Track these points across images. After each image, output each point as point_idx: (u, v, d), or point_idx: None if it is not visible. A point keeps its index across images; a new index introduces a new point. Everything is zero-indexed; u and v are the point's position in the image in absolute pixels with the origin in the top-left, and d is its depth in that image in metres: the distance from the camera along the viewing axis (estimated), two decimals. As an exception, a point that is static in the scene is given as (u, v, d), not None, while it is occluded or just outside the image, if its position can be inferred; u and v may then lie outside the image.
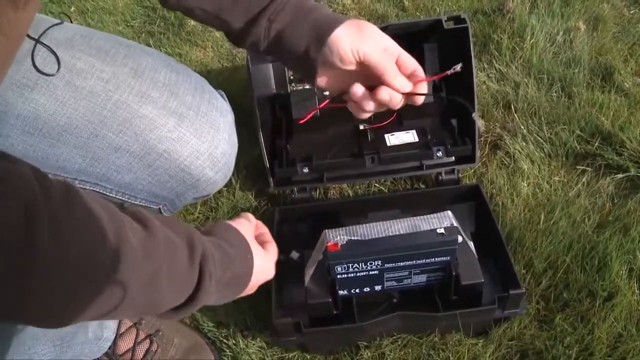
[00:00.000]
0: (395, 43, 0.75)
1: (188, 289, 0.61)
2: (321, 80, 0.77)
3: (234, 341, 1.03)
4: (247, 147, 1.28)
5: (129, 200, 0.90)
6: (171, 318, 0.64)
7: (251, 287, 0.76)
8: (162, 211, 0.96)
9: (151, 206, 0.93)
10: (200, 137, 0.86)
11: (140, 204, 0.91)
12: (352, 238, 0.89)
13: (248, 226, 0.80)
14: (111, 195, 0.89)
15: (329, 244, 0.89)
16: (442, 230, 0.88)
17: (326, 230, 0.92)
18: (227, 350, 1.03)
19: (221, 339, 1.05)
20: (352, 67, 0.73)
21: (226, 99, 0.97)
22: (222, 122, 0.90)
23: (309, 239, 1.01)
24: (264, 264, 0.78)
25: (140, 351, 1.02)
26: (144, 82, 0.84)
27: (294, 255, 1.08)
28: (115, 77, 0.82)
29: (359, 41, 0.71)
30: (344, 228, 0.92)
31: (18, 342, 0.73)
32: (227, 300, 0.72)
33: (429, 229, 0.89)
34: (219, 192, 1.22)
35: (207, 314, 1.08)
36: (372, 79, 0.74)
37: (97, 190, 0.87)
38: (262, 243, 0.82)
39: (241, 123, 1.33)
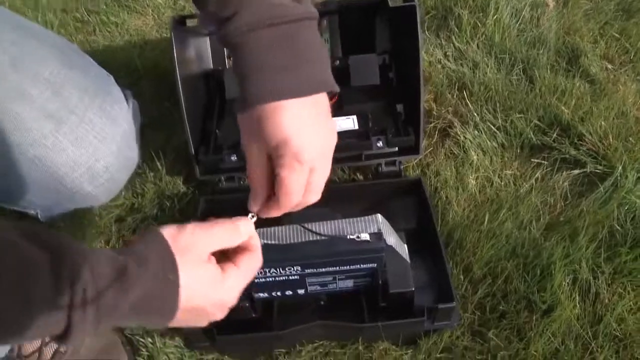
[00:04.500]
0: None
1: (56, 320, 0.47)
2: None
3: (151, 340, 0.96)
4: (178, 129, 1.19)
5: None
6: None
7: (193, 314, 0.58)
8: (39, 217, 0.87)
9: (25, 210, 0.84)
10: (80, 147, 0.76)
11: (12, 207, 0.82)
12: (267, 242, 0.81)
13: (192, 239, 0.59)
14: None
15: (243, 246, 0.81)
16: (367, 237, 0.80)
17: (241, 231, 0.84)
18: (144, 350, 0.96)
19: (138, 337, 0.98)
20: None
21: (132, 102, 0.87)
22: (111, 132, 0.80)
23: (235, 232, 0.93)
24: (214, 284, 0.59)
25: (48, 352, 0.94)
26: (24, 76, 0.73)
27: (220, 249, 1.00)
28: None
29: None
30: (261, 229, 0.84)
31: None
32: (152, 326, 0.60)
33: (353, 233, 0.81)
34: (144, 176, 1.13)
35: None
36: None
37: None
38: (236, 255, 0.63)
39: (175, 101, 1.24)
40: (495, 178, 1.07)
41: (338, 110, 1.08)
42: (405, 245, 0.90)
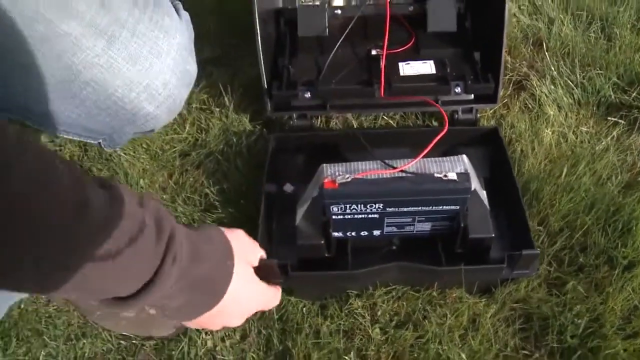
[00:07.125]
0: None
1: (147, 271, 0.50)
2: None
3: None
4: (245, 65, 1.17)
5: (62, 135, 0.79)
6: (116, 308, 0.52)
7: (227, 309, 0.62)
8: (102, 146, 0.84)
9: (88, 140, 0.82)
10: (135, 65, 0.72)
11: (75, 138, 0.80)
12: (353, 176, 0.79)
13: (240, 242, 0.67)
14: (39, 128, 0.77)
15: (326, 180, 0.79)
16: (454, 176, 0.78)
17: (324, 165, 0.82)
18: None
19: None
20: None
21: (183, 14, 0.83)
22: (166, 45, 0.75)
23: (305, 171, 0.90)
24: (251, 286, 0.66)
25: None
26: None
27: (288, 188, 0.98)
28: None
29: None
30: (344, 164, 0.81)
31: None
32: (193, 311, 0.60)
33: (440, 172, 0.79)
34: (210, 111, 1.10)
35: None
36: None
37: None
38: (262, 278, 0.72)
39: (241, 38, 1.22)
40: (570, 134, 1.04)
41: (415, 53, 1.05)
42: (485, 192, 0.88)
